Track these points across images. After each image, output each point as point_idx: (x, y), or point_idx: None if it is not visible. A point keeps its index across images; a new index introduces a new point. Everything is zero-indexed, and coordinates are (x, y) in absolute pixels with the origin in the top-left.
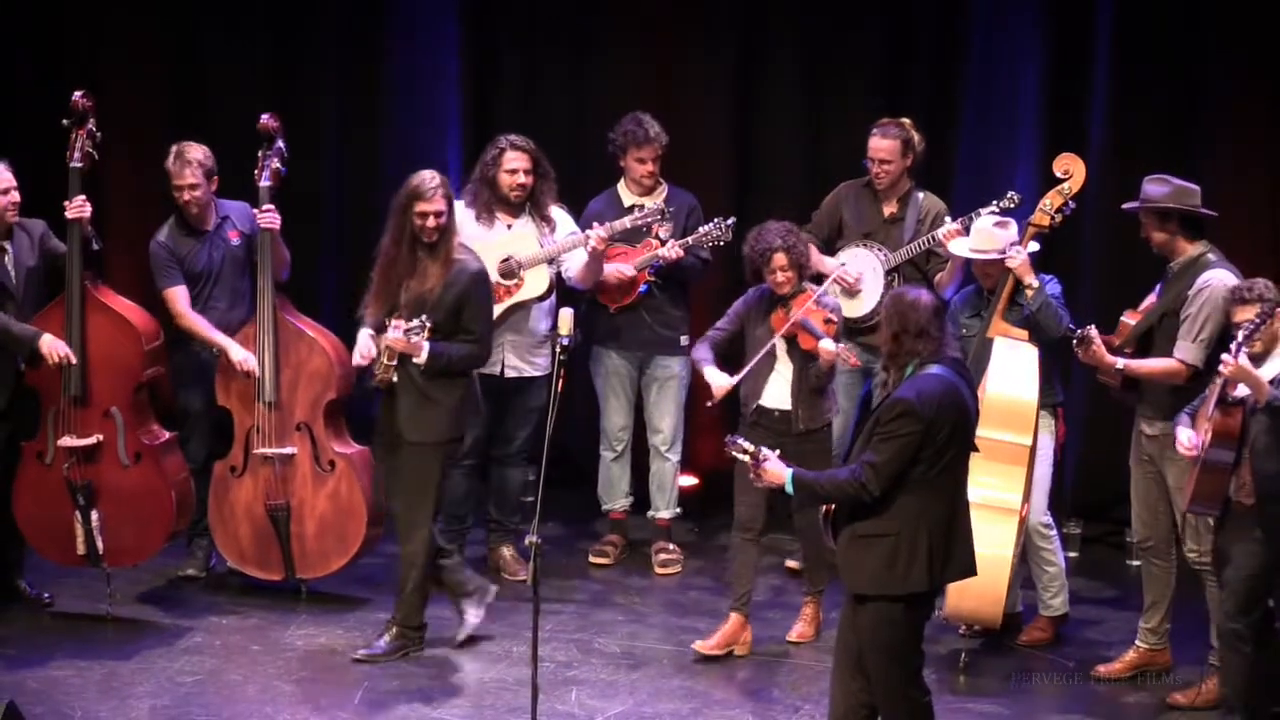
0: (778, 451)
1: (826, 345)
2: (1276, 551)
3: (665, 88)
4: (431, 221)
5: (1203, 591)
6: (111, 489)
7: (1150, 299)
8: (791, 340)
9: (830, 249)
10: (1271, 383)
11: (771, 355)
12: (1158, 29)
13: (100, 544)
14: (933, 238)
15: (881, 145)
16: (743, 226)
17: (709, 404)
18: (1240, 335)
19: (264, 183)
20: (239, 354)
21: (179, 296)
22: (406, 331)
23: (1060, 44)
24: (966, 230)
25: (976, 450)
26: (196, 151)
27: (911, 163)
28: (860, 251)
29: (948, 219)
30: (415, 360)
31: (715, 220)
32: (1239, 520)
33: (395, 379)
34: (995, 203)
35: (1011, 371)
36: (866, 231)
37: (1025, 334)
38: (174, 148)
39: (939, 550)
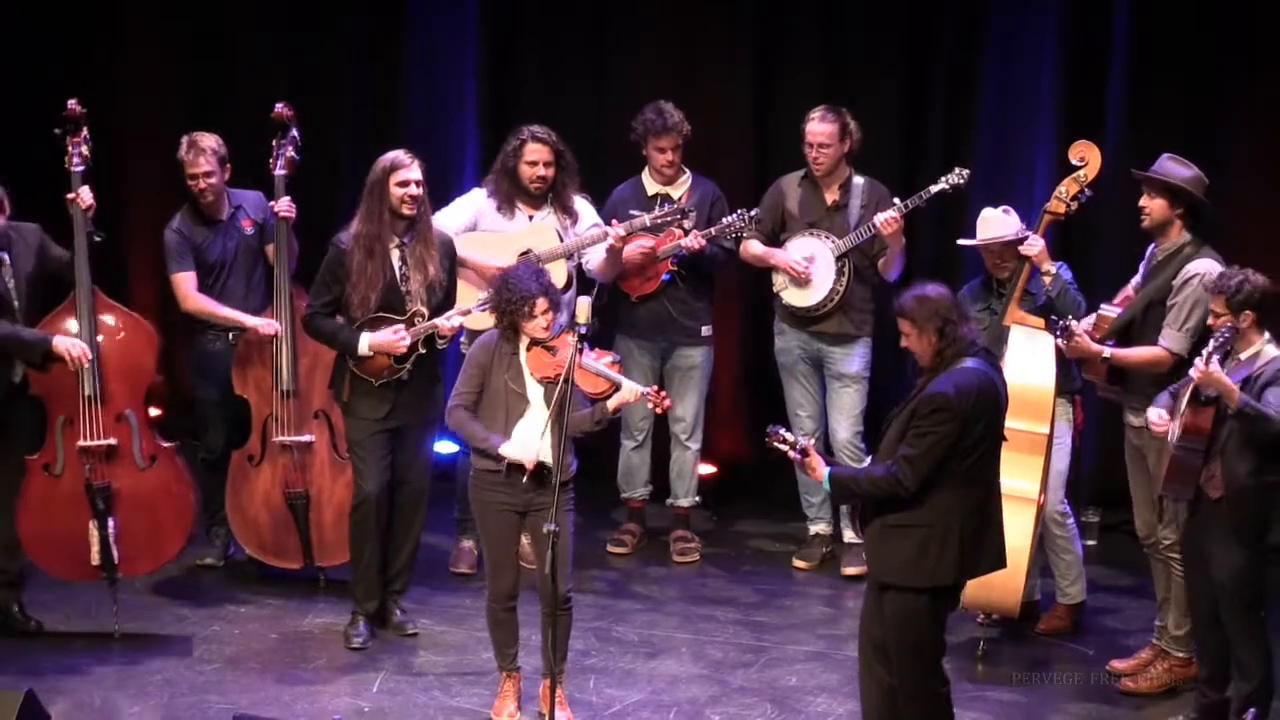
0: (813, 442)
1: (633, 387)
2: (1251, 546)
3: (685, 78)
4: (414, 189)
5: None
6: (129, 493)
7: (1126, 291)
8: (548, 385)
9: (775, 241)
10: (1246, 380)
11: (522, 403)
12: (1175, 22)
13: (116, 553)
14: (871, 226)
15: (819, 130)
16: None
17: (524, 480)
18: (1213, 342)
19: (279, 171)
20: (256, 321)
21: (187, 281)
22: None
23: (1078, 36)
24: (917, 209)
25: (1006, 440)
26: (209, 140)
27: (849, 148)
28: (808, 240)
29: (897, 200)
30: (442, 341)
31: (739, 211)
32: (1208, 513)
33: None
34: (945, 179)
35: (1029, 360)
36: (811, 221)
37: (1041, 322)
38: (186, 138)
39: (970, 543)
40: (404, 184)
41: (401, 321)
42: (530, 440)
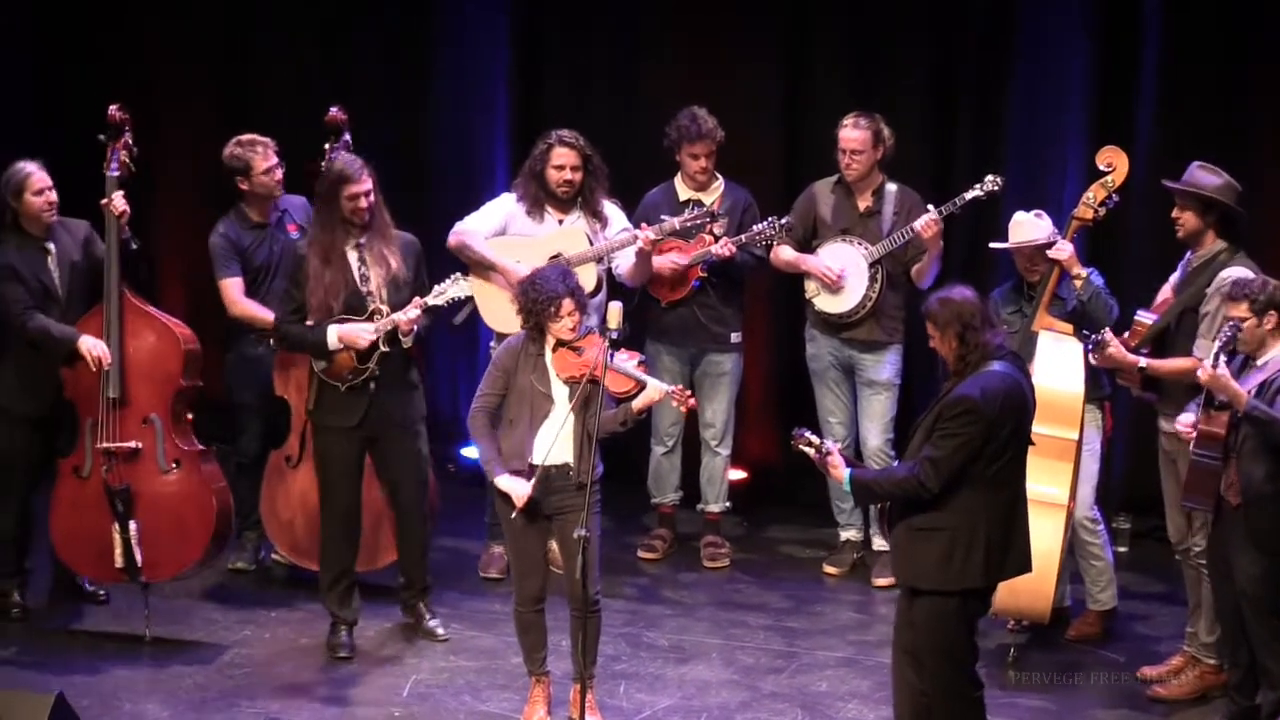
0: (840, 445)
1: (658, 386)
2: (1270, 553)
3: (714, 83)
4: (363, 202)
5: None
6: (150, 495)
7: (1165, 294)
8: (573, 386)
9: (807, 247)
10: (1262, 386)
11: (547, 403)
12: (1206, 23)
13: (139, 556)
14: (910, 230)
15: (853, 136)
16: None
17: (513, 515)
18: (1217, 343)
19: None
20: None
21: (235, 286)
22: (426, 307)
23: (1108, 38)
24: (950, 216)
25: (1033, 444)
26: (266, 139)
27: (882, 155)
28: (841, 247)
29: (930, 207)
30: (404, 338)
31: (769, 219)
32: (1230, 519)
33: (379, 370)
34: (978, 186)
35: (1057, 365)
36: (844, 228)
37: (1070, 327)
38: (242, 140)
39: (996, 546)
40: (353, 198)
41: (364, 321)
42: (521, 483)
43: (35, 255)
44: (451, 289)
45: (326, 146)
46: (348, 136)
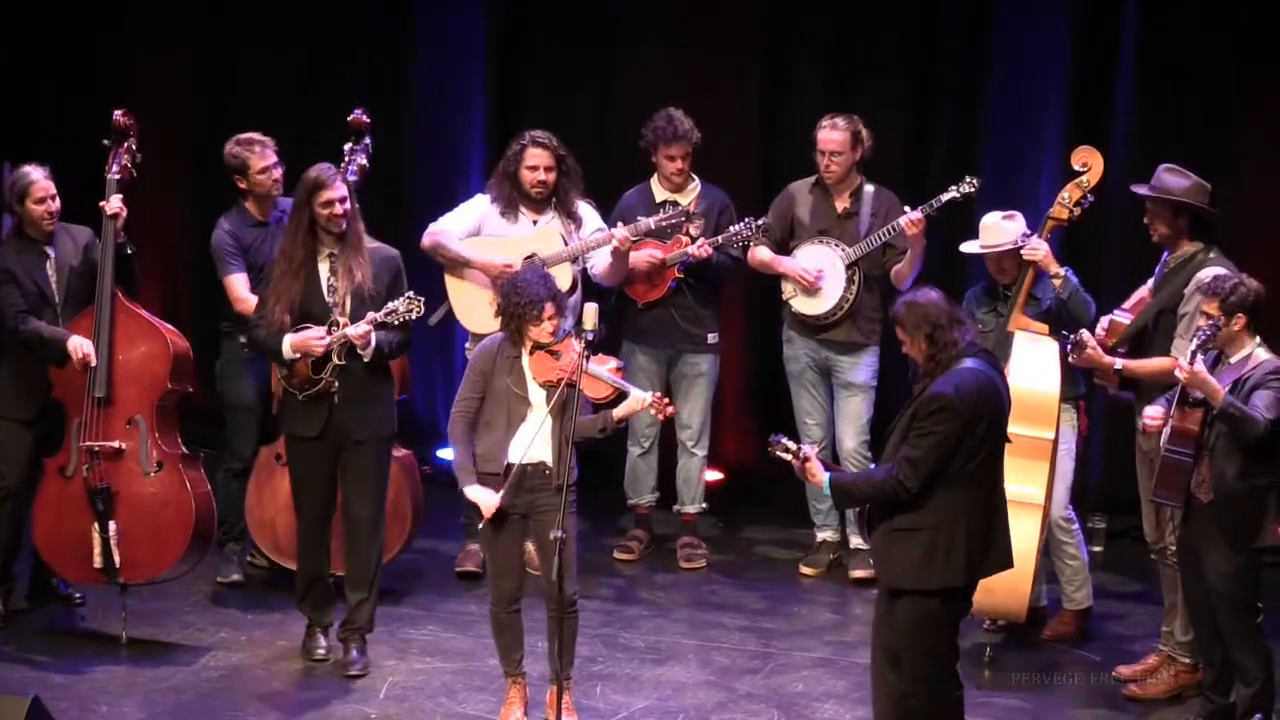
0: (817, 449)
1: (639, 395)
2: (1242, 551)
3: (692, 84)
4: (338, 208)
5: None
6: (131, 496)
7: (1141, 293)
8: (550, 389)
9: (784, 249)
10: (1235, 383)
11: (524, 405)
12: (1183, 24)
13: (117, 556)
14: (894, 228)
15: (831, 138)
16: None
17: (480, 525)
18: (1194, 341)
19: (349, 177)
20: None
21: (240, 283)
22: (376, 322)
23: (1086, 40)
24: (927, 218)
25: (1010, 443)
26: (266, 138)
27: (860, 156)
28: (818, 249)
29: (907, 208)
30: (361, 353)
31: (746, 220)
32: (1200, 517)
33: (337, 382)
34: (955, 188)
35: (1033, 365)
36: (821, 229)
37: (1045, 327)
38: (240, 138)
39: (977, 544)
40: (328, 204)
41: (322, 330)
42: (490, 494)
43: (34, 260)
44: (402, 307)
45: (347, 148)
46: (368, 140)
